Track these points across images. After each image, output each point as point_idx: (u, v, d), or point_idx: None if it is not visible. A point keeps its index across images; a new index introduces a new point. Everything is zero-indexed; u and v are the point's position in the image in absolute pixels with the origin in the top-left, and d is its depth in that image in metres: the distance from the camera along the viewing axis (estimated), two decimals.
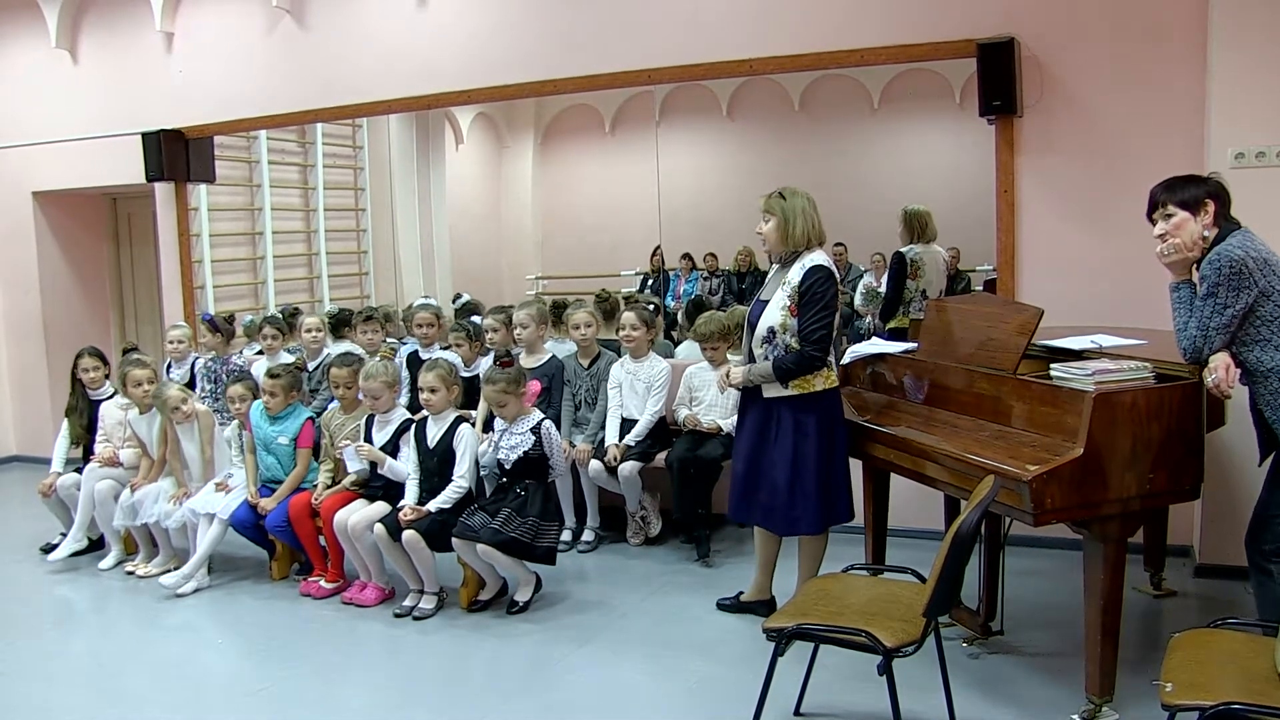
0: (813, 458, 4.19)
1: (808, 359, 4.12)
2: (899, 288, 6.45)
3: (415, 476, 4.99)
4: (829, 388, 4.23)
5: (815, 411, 4.20)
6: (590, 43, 6.29)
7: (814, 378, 4.19)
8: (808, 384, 4.18)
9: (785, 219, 4.23)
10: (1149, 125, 5.08)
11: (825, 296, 4.13)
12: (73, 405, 6.27)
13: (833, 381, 4.25)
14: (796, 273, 4.17)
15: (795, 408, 4.20)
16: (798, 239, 4.22)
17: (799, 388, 4.18)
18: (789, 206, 4.24)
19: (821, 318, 4.12)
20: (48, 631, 5.08)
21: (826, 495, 4.23)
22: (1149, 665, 3.68)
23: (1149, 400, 3.35)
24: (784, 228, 4.24)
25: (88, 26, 8.12)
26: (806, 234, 4.23)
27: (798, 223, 4.22)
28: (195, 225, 8.11)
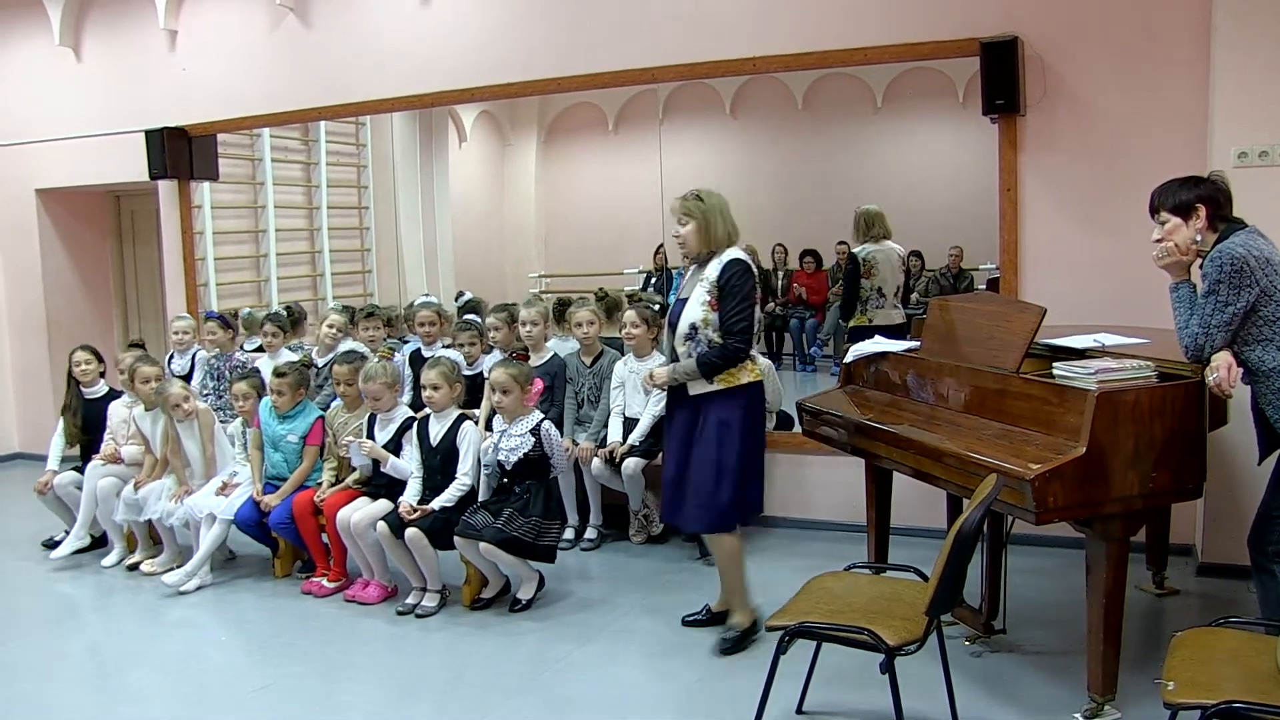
0: (735, 451, 4.20)
1: (731, 351, 4.17)
2: (854, 286, 6.65)
3: (418, 475, 5.00)
4: (754, 380, 4.28)
5: (740, 405, 4.24)
6: (594, 41, 6.30)
7: (739, 371, 4.23)
8: (733, 377, 4.22)
9: (705, 220, 4.26)
10: (1151, 124, 5.08)
11: (744, 288, 4.18)
12: (68, 404, 6.27)
13: (757, 375, 4.30)
14: (714, 268, 4.23)
15: (721, 402, 4.22)
16: (719, 239, 4.27)
17: (724, 381, 4.21)
18: (708, 208, 4.27)
19: (742, 309, 4.16)
20: (50, 628, 5.09)
21: (743, 489, 4.26)
22: (1151, 664, 3.69)
23: (1151, 399, 3.35)
24: (704, 229, 4.27)
25: (91, 24, 8.14)
26: (727, 233, 4.29)
27: (717, 223, 4.27)
28: (198, 223, 8.12)
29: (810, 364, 10.05)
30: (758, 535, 5.89)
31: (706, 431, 4.22)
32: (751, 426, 4.27)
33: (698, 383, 4.23)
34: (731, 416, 4.21)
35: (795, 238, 10.61)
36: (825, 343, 10.04)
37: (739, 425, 4.21)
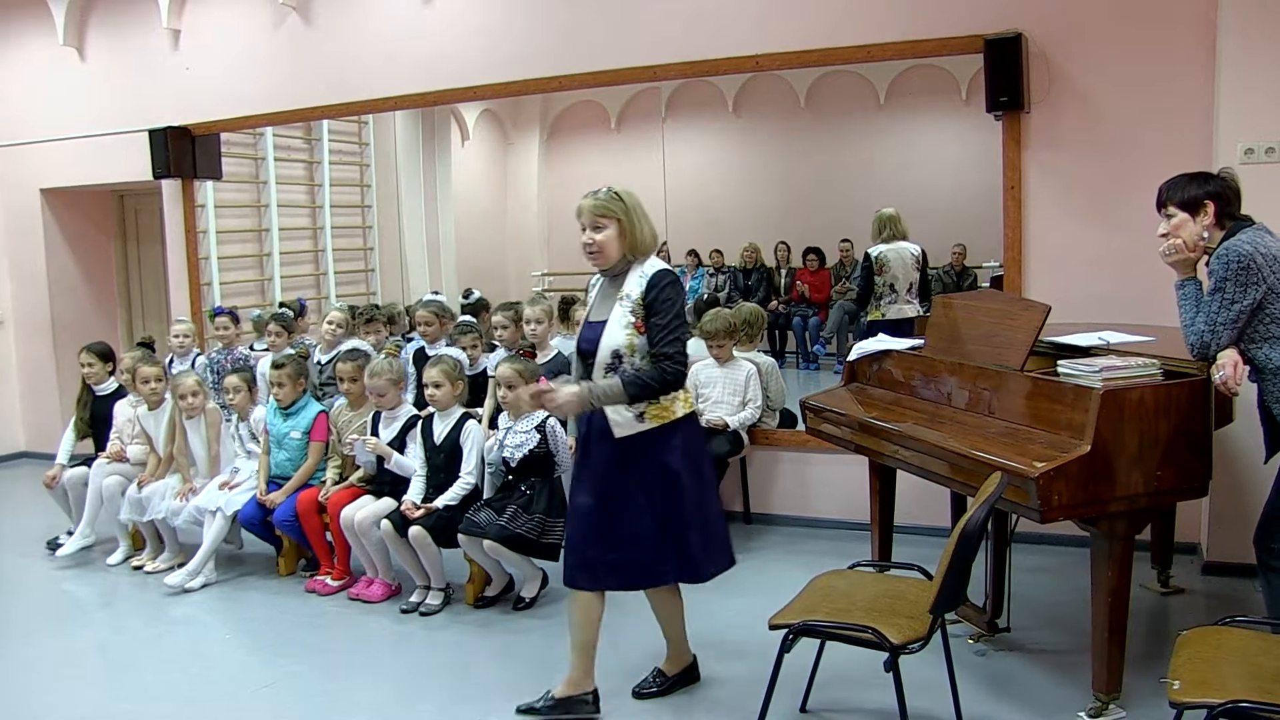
0: (685, 497, 3.54)
1: (670, 375, 3.45)
2: (869, 283, 7.06)
3: (421, 473, 4.99)
4: (689, 412, 3.61)
5: (680, 443, 3.54)
6: (596, 39, 6.29)
7: (673, 402, 3.53)
8: (667, 411, 3.51)
9: (629, 223, 3.53)
10: (1157, 120, 5.07)
11: (677, 303, 3.51)
12: (80, 397, 6.32)
13: (691, 405, 3.63)
14: (636, 283, 3.51)
15: (656, 443, 3.50)
16: (646, 244, 3.57)
17: (657, 418, 3.49)
18: (629, 208, 3.54)
19: (676, 327, 3.47)
20: (57, 626, 5.09)
21: (706, 537, 3.61)
22: (1156, 663, 3.69)
23: (1157, 397, 3.34)
24: (627, 233, 3.53)
25: (95, 24, 8.14)
26: (652, 237, 3.60)
27: (642, 226, 3.55)
28: (202, 222, 8.12)
29: (813, 362, 10.05)
30: (761, 533, 5.89)
31: (642, 481, 3.51)
32: (697, 465, 3.61)
33: (625, 422, 3.49)
34: (672, 458, 3.51)
35: (798, 235, 10.60)
36: (828, 341, 10.04)
37: (683, 466, 3.53)
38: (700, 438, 3.73)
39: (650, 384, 3.43)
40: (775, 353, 9.22)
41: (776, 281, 10.54)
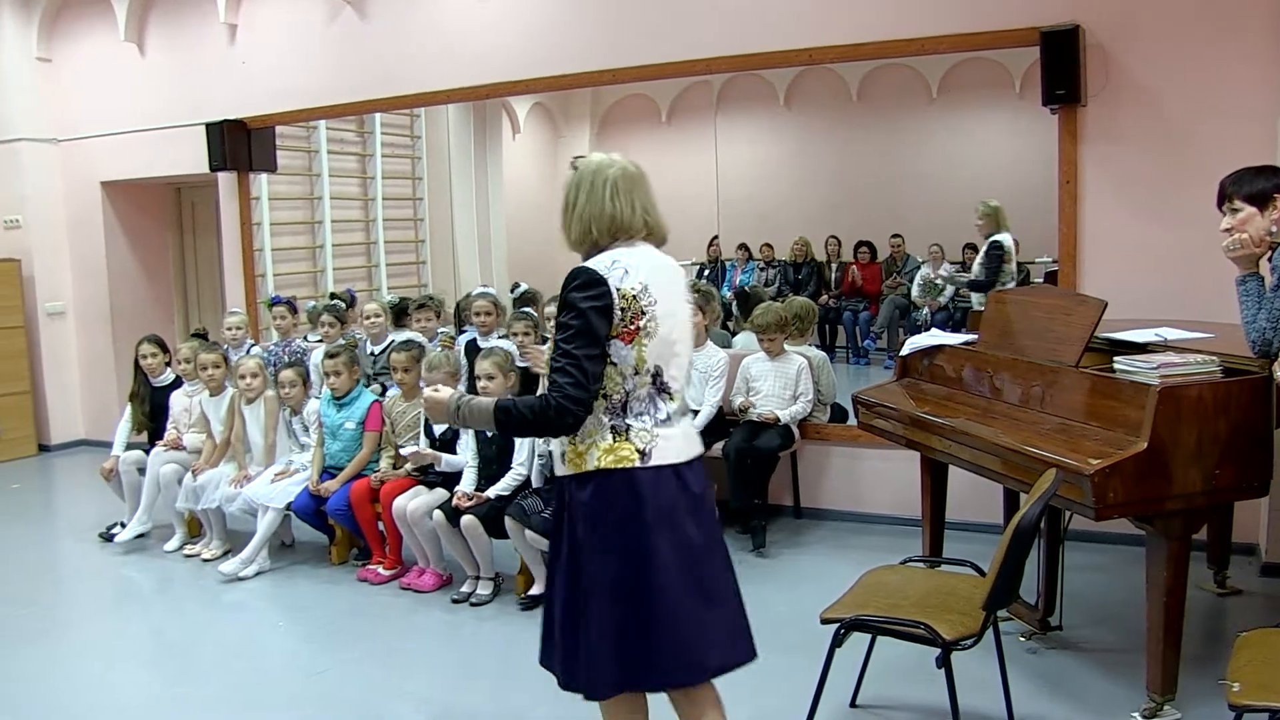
0: (574, 579, 2.69)
1: (550, 409, 2.56)
2: (996, 272, 6.91)
3: (473, 464, 5.03)
4: (620, 467, 2.61)
5: (589, 505, 2.63)
6: (648, 32, 6.29)
7: (589, 447, 2.64)
8: (579, 457, 2.65)
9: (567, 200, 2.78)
10: (1219, 113, 4.98)
11: (574, 313, 2.58)
12: (135, 391, 6.40)
13: (625, 459, 2.61)
14: None
15: (570, 495, 2.69)
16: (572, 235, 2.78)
17: (571, 463, 2.67)
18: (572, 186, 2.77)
19: (569, 346, 2.56)
20: (112, 611, 5.21)
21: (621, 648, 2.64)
22: (1212, 664, 3.64)
23: (1215, 395, 3.29)
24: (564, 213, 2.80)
25: (155, 20, 8.27)
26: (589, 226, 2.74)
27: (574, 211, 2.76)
28: (256, 214, 8.23)
29: (863, 357, 10.00)
30: (811, 528, 5.87)
31: (564, 539, 2.73)
32: (604, 546, 2.62)
33: (558, 457, 2.73)
34: (578, 526, 2.65)
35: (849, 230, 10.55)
36: (879, 335, 9.98)
37: (587, 542, 2.64)
38: (632, 512, 2.60)
39: (522, 414, 2.61)
40: (825, 347, 9.19)
41: (827, 276, 10.50)
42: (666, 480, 2.65)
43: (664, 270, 2.73)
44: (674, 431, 2.69)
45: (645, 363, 2.64)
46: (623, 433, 2.64)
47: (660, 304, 2.65)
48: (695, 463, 2.74)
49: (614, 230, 2.71)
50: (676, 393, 2.72)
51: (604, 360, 2.61)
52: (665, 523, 2.63)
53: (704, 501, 2.74)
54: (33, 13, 8.64)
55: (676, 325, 2.71)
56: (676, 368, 2.72)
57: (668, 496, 2.64)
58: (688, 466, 2.70)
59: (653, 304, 2.63)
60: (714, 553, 2.74)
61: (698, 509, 2.70)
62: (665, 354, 2.68)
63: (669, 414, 2.69)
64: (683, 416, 2.76)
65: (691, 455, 2.73)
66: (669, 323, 2.68)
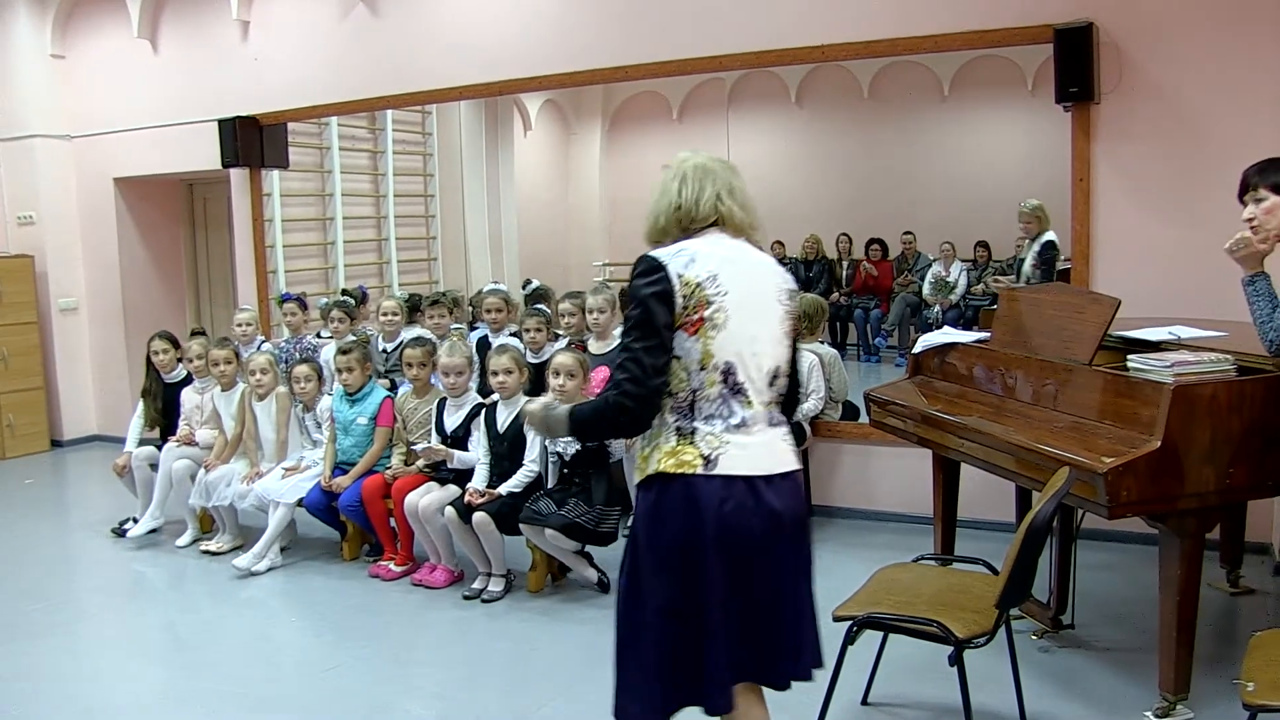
0: (634, 589, 2.58)
1: (610, 408, 2.45)
2: (1052, 272, 6.68)
3: (485, 461, 5.04)
4: (680, 473, 2.44)
5: (646, 511, 2.51)
6: (661, 29, 6.28)
7: (652, 449, 2.51)
8: (645, 461, 2.53)
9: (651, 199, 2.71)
10: (1234, 111, 4.95)
11: (636, 306, 2.47)
12: (147, 388, 6.41)
13: (687, 464, 2.44)
14: None
15: (637, 500, 2.59)
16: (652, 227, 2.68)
17: (638, 469, 2.56)
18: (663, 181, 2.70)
19: (630, 340, 2.45)
20: (126, 605, 5.23)
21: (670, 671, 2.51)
22: (1225, 664, 3.63)
23: (1229, 393, 3.28)
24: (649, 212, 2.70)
25: (168, 16, 8.29)
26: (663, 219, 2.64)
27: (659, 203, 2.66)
28: (268, 210, 8.25)
29: (874, 354, 9.99)
30: (823, 526, 5.87)
31: (634, 536, 2.59)
32: (658, 562, 2.49)
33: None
34: (638, 528, 2.54)
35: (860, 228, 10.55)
36: (890, 333, 9.97)
37: (640, 545, 2.53)
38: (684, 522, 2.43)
39: (587, 415, 2.58)
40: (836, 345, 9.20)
41: (838, 273, 10.49)
42: (736, 493, 2.43)
43: (741, 262, 2.53)
44: (751, 439, 2.47)
45: (712, 357, 2.44)
46: (688, 435, 2.46)
47: (732, 295, 2.45)
48: (779, 478, 2.50)
49: (681, 220, 2.59)
50: (755, 396, 2.49)
51: (666, 352, 2.43)
52: (728, 541, 2.43)
53: (784, 523, 2.49)
54: (47, 10, 8.67)
55: (753, 320, 2.49)
56: (755, 368, 2.49)
57: (735, 512, 2.43)
58: (766, 481, 2.47)
59: (721, 294, 2.44)
60: (781, 573, 2.53)
61: (775, 530, 2.48)
62: (738, 350, 2.46)
63: (745, 419, 2.47)
64: (770, 425, 2.53)
65: (774, 469, 2.49)
66: (742, 316, 2.46)
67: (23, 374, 8.67)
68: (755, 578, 2.47)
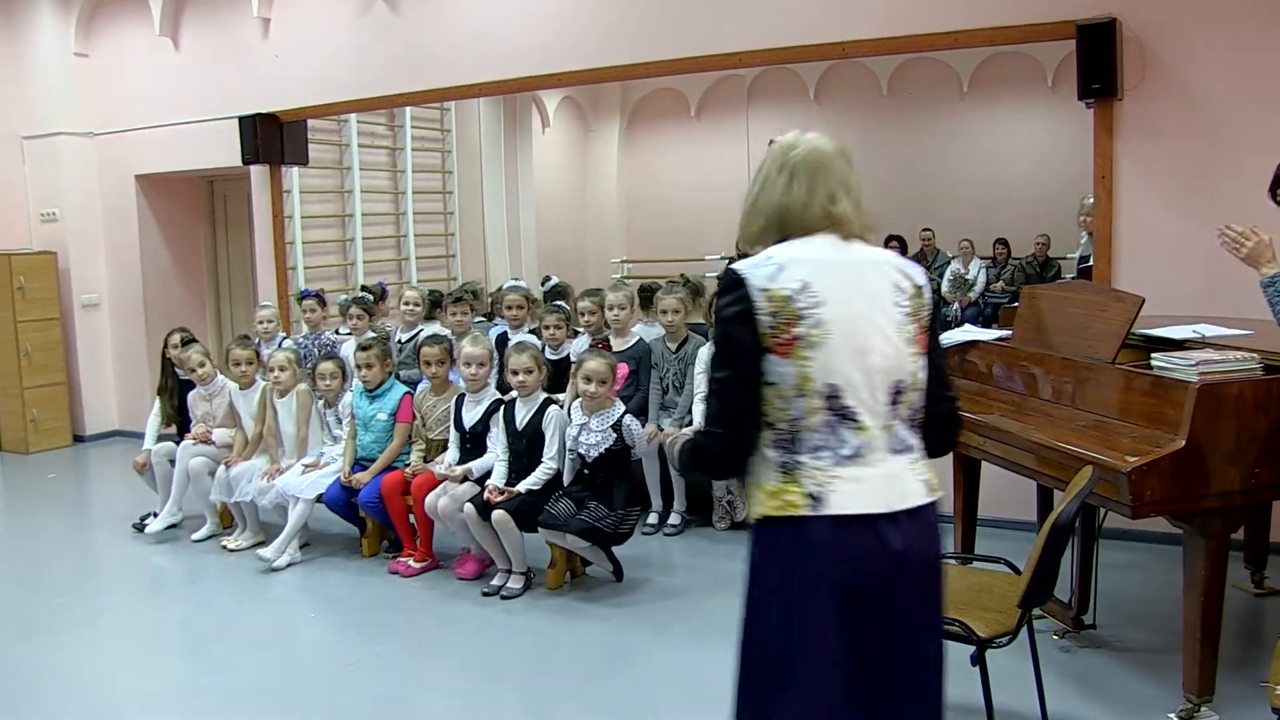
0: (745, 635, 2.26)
1: (703, 446, 2.24)
2: None
3: (504, 458, 5.04)
4: (784, 515, 2.13)
5: (759, 557, 2.21)
6: (679, 25, 6.27)
7: (755, 487, 2.20)
8: (749, 502, 2.26)
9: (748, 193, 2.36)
10: (1259, 108, 4.90)
11: (721, 336, 2.19)
12: (163, 385, 6.43)
13: (791, 505, 2.12)
14: None
15: (749, 537, 2.25)
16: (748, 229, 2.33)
17: (748, 510, 2.28)
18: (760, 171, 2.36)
19: (716, 372, 2.19)
20: (146, 600, 5.27)
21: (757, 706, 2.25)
22: (1249, 666, 3.61)
23: (1255, 392, 3.26)
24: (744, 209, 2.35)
25: (189, 14, 8.33)
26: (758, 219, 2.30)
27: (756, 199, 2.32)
28: (288, 207, 8.29)
29: None
30: None
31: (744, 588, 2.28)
32: (760, 613, 2.21)
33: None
34: (748, 579, 2.24)
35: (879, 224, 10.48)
36: None
37: (751, 594, 2.23)
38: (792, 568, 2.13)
39: (689, 458, 2.33)
40: None
41: None
42: (852, 535, 2.10)
43: (842, 263, 2.18)
44: (866, 472, 2.12)
45: (811, 381, 2.09)
46: (791, 471, 2.13)
47: (830, 306, 2.10)
48: (905, 515, 2.14)
49: (784, 223, 2.23)
50: (871, 419, 2.13)
51: (754, 383, 2.11)
52: (847, 596, 2.11)
53: (910, 566, 2.14)
54: (70, 9, 8.72)
55: (861, 332, 2.12)
56: (868, 388, 2.12)
57: (853, 560, 2.11)
58: (890, 519, 2.12)
59: (816, 305, 2.09)
60: (905, 639, 2.19)
61: (899, 576, 2.13)
62: (844, 369, 2.10)
63: (859, 448, 2.12)
64: (893, 453, 2.16)
65: (898, 505, 2.13)
66: (845, 329, 2.10)
67: (45, 369, 8.73)
68: (874, 635, 2.14)
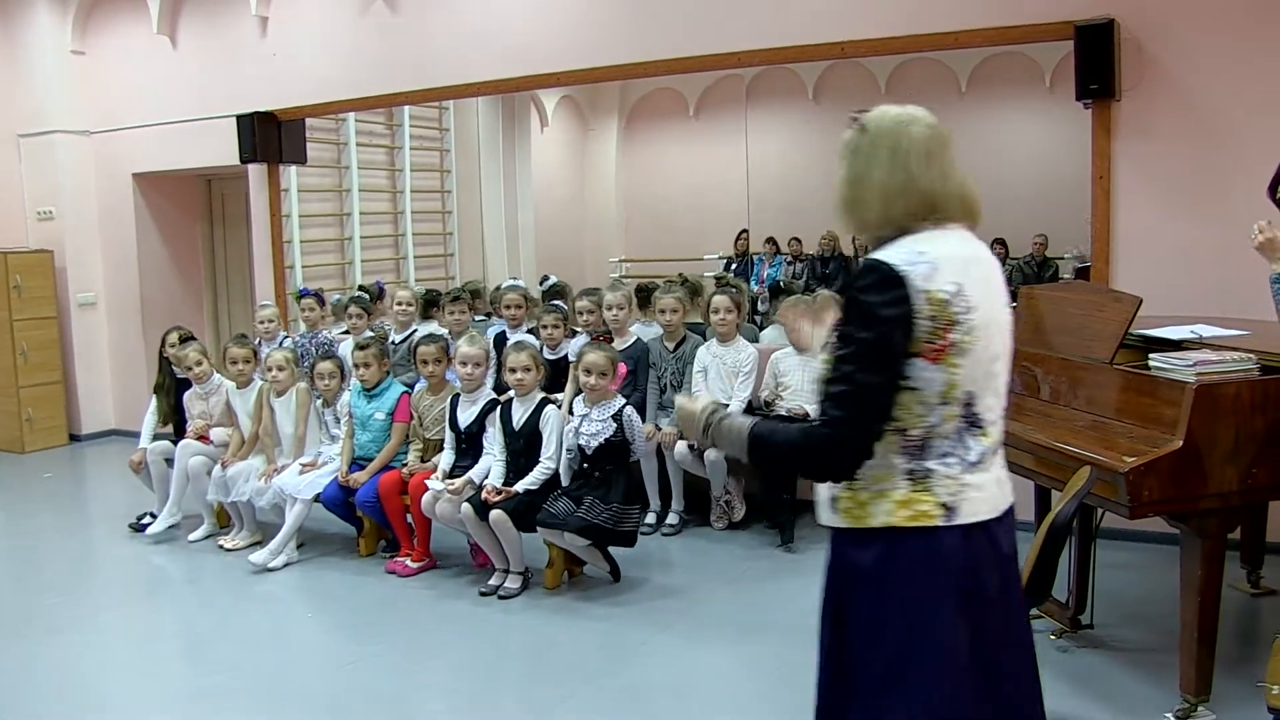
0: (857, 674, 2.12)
1: (816, 441, 2.04)
2: None
3: (501, 458, 5.04)
4: (917, 525, 2.03)
5: (872, 576, 2.08)
6: (678, 25, 6.27)
7: (875, 496, 2.06)
8: (860, 509, 2.08)
9: (856, 173, 2.16)
10: (1258, 108, 4.91)
11: (862, 321, 2.00)
12: (160, 383, 6.42)
13: (925, 515, 2.02)
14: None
15: (844, 554, 2.15)
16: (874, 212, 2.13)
17: (847, 515, 2.10)
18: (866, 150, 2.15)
19: (850, 362, 1.99)
20: (143, 600, 5.26)
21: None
22: (1246, 665, 3.61)
23: (1253, 392, 3.26)
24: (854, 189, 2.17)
25: (187, 13, 8.32)
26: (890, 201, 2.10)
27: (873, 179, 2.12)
28: (285, 206, 8.29)
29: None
30: None
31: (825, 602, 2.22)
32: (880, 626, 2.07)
33: (823, 502, 2.19)
34: (852, 588, 2.13)
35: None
36: None
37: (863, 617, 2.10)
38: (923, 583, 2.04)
39: (781, 448, 2.13)
40: None
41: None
42: (977, 543, 2.05)
43: (980, 264, 2.08)
44: (987, 477, 2.08)
45: (956, 388, 2.01)
46: (922, 479, 2.03)
47: (978, 311, 2.01)
48: (1008, 515, 2.14)
49: (926, 209, 2.07)
50: (991, 426, 2.08)
51: (896, 388, 1.99)
52: (972, 601, 2.05)
53: (1014, 565, 2.17)
54: (67, 6, 8.71)
55: (996, 338, 2.06)
56: (994, 394, 2.08)
57: (978, 566, 2.05)
58: (998, 522, 2.09)
59: (968, 311, 1.99)
60: (1016, 634, 2.19)
61: (1007, 579, 2.14)
62: (982, 377, 2.04)
63: (981, 454, 2.06)
64: (995, 455, 2.12)
65: (1005, 506, 2.13)
66: (987, 335, 2.03)
67: (42, 368, 8.72)
68: (994, 637, 2.09)
